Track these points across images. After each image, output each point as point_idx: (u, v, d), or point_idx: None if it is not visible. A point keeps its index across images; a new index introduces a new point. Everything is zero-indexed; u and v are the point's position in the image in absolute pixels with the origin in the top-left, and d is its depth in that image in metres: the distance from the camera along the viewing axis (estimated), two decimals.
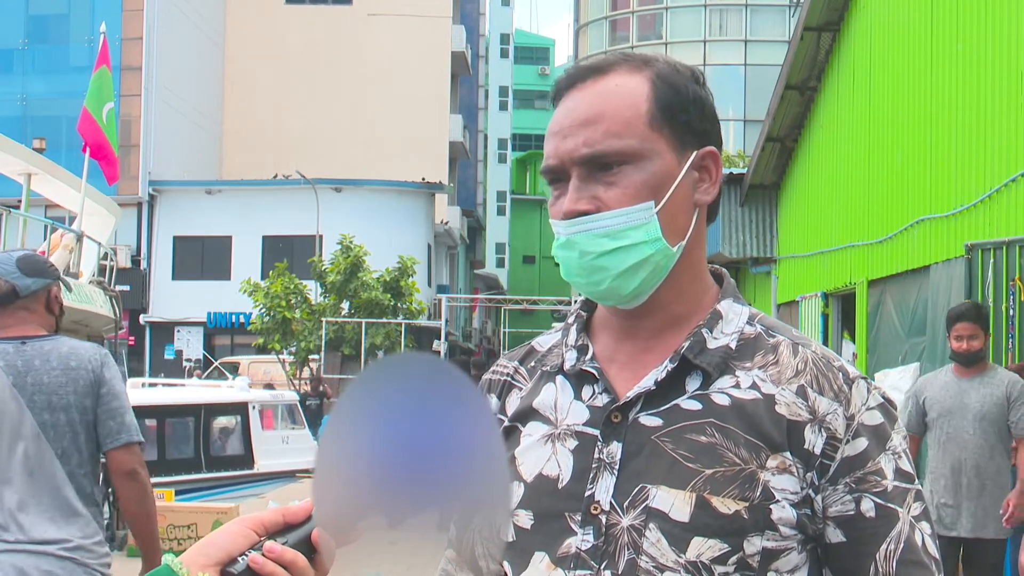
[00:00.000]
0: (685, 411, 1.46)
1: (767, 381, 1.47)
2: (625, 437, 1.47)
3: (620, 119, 1.48)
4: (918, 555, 1.43)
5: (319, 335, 32.19)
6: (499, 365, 1.68)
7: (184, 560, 1.17)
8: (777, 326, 1.55)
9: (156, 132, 40.07)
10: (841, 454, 1.43)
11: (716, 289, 1.58)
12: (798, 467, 1.42)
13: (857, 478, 1.43)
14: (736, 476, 1.41)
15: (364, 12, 47.03)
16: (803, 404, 1.44)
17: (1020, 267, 8.85)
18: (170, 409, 16.38)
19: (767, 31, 52.66)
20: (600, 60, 1.57)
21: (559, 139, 1.51)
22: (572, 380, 1.55)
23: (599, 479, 1.46)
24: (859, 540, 1.43)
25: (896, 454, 1.45)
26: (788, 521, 1.41)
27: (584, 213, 1.48)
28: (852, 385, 1.46)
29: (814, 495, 1.43)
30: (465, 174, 55.98)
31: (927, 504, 1.47)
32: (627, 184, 1.47)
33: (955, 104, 11.15)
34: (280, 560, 1.18)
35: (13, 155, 11.34)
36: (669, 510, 1.41)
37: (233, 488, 15.82)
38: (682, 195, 1.50)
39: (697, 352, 1.48)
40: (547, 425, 1.54)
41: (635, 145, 1.48)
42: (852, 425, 1.44)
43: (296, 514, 1.22)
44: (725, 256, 18.81)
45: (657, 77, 1.52)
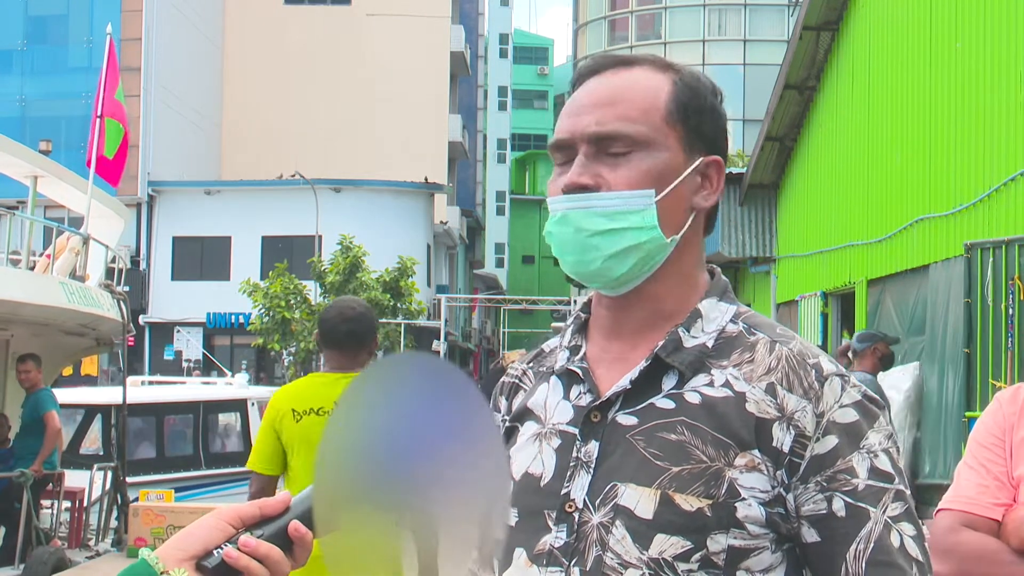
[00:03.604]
0: (659, 410, 1.46)
1: (740, 379, 1.45)
2: (603, 436, 1.47)
3: (637, 106, 1.50)
4: (891, 556, 1.40)
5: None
6: (513, 367, 1.71)
7: (160, 554, 1.17)
8: (761, 324, 1.53)
9: (155, 133, 40.05)
10: (810, 452, 1.41)
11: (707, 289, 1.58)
12: (767, 465, 1.41)
13: (828, 476, 1.41)
14: (702, 474, 1.40)
15: (363, 12, 47.02)
16: (771, 402, 1.43)
17: (1019, 266, 8.86)
18: (169, 407, 16.39)
19: (766, 31, 52.68)
20: (628, 55, 1.59)
21: (573, 117, 1.52)
22: (563, 380, 1.56)
23: (575, 477, 1.47)
24: (833, 539, 1.41)
25: (872, 453, 1.42)
26: (756, 519, 1.40)
27: (583, 187, 1.48)
28: (825, 382, 1.44)
29: (785, 494, 1.41)
30: (464, 174, 55.98)
31: (910, 505, 1.44)
32: (633, 168, 1.48)
33: (954, 103, 11.15)
34: (255, 553, 1.19)
35: (19, 157, 11.31)
36: (635, 507, 1.41)
37: (233, 485, 15.80)
38: (682, 193, 1.51)
39: (671, 351, 1.48)
40: (537, 424, 1.55)
41: (646, 132, 1.49)
42: (822, 423, 1.42)
43: (273, 507, 1.23)
44: (724, 256, 18.81)
45: (680, 79, 1.54)
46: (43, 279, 10.96)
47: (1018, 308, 8.80)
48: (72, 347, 12.56)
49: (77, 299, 10.57)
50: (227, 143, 46.50)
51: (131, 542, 10.08)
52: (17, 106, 39.45)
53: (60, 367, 13.48)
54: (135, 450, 14.55)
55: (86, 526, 11.21)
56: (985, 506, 2.21)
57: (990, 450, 2.27)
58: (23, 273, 10.61)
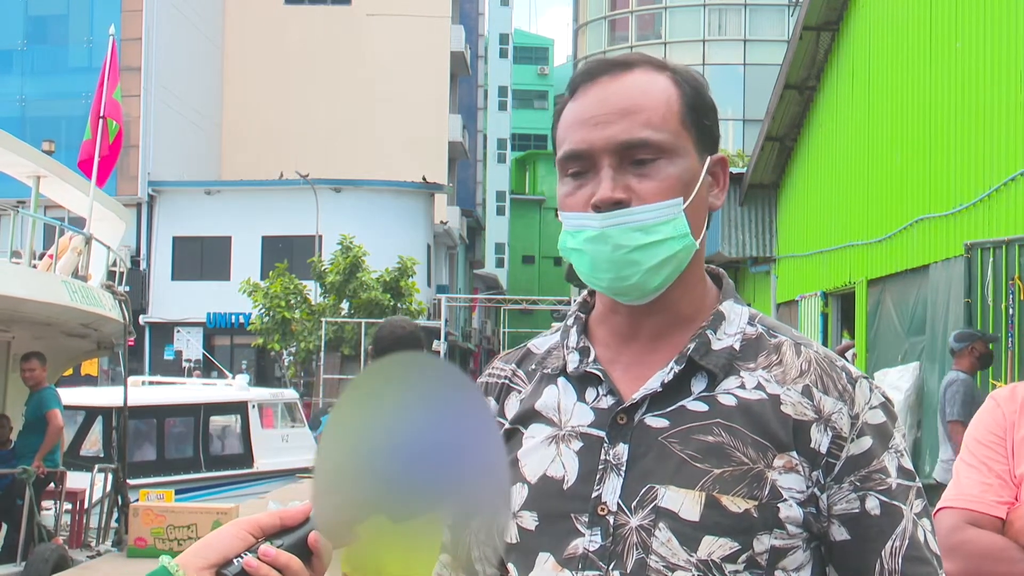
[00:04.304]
0: (692, 412, 1.46)
1: (772, 381, 1.47)
2: (631, 439, 1.47)
3: (658, 112, 1.49)
4: (922, 552, 1.45)
5: (319, 335, 32.19)
6: (495, 368, 1.68)
7: (180, 562, 1.18)
8: (777, 326, 1.56)
9: (155, 133, 40.05)
10: (846, 453, 1.44)
11: (716, 290, 1.59)
12: (804, 466, 1.43)
13: (862, 476, 1.44)
14: (745, 475, 1.42)
15: (363, 12, 47.01)
16: (808, 404, 1.45)
17: (1020, 266, 8.85)
18: (169, 408, 16.40)
19: (766, 31, 52.67)
20: (622, 56, 1.56)
21: (590, 127, 1.49)
22: (575, 382, 1.55)
23: (606, 480, 1.46)
24: (865, 537, 1.44)
25: (898, 452, 1.47)
26: (795, 520, 1.42)
27: (618, 203, 1.46)
28: (855, 384, 1.47)
29: (819, 494, 1.44)
30: (464, 174, 55.97)
31: (927, 501, 1.49)
32: (663, 177, 1.47)
33: (954, 103, 11.15)
34: (274, 563, 1.19)
35: (23, 156, 11.29)
36: (679, 509, 1.41)
37: (233, 487, 15.83)
38: (703, 196, 1.52)
39: (703, 353, 1.49)
40: (550, 427, 1.54)
41: (671, 139, 1.48)
42: (857, 424, 1.45)
43: (293, 517, 1.23)
44: (725, 255, 18.81)
45: (682, 80, 1.53)
46: (46, 277, 10.95)
47: (1018, 308, 8.80)
48: (73, 350, 12.54)
49: (80, 298, 10.56)
50: (227, 143, 46.49)
51: (131, 542, 10.08)
52: (17, 106, 39.44)
53: (61, 370, 13.49)
54: (136, 452, 14.56)
55: (87, 527, 11.22)
56: (989, 504, 2.21)
57: (990, 448, 2.27)
58: (26, 270, 10.60)
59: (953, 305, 10.07)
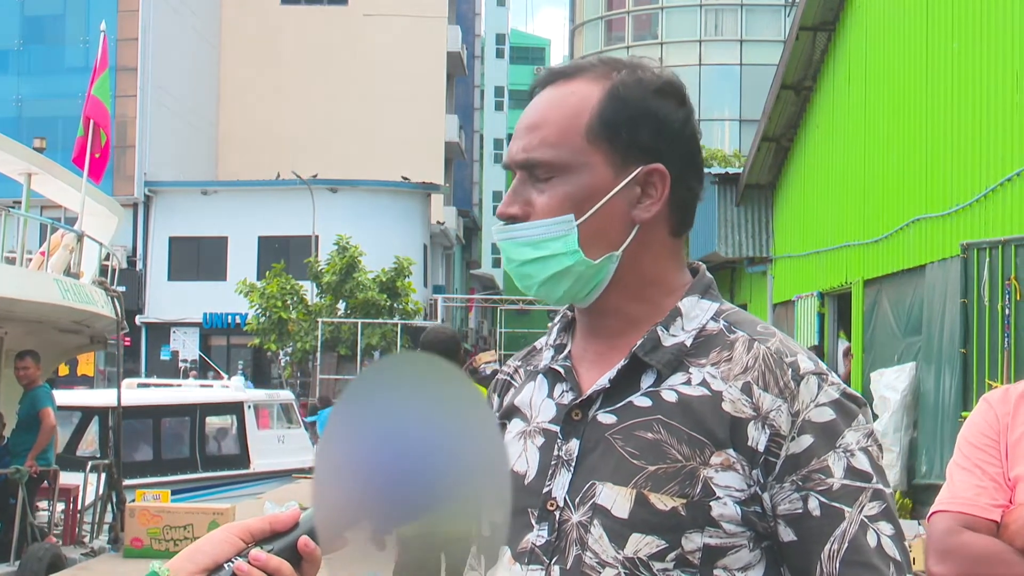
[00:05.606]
0: (637, 408, 1.46)
1: (717, 378, 1.45)
2: (583, 434, 1.48)
3: (558, 129, 1.50)
4: (866, 556, 1.39)
5: (315, 336, 32.17)
6: (507, 364, 1.72)
7: (171, 566, 1.18)
8: (742, 322, 1.52)
9: (151, 133, 40.02)
10: (786, 451, 1.41)
11: (688, 287, 1.56)
12: (743, 464, 1.41)
13: (803, 476, 1.41)
14: (677, 473, 1.41)
15: (360, 12, 47.00)
16: (747, 401, 1.43)
17: (1016, 266, 8.85)
18: (165, 409, 16.39)
19: (763, 31, 52.67)
20: (571, 64, 1.57)
21: (514, 139, 1.55)
22: (548, 378, 1.57)
23: (557, 476, 1.48)
24: (808, 539, 1.41)
25: (848, 452, 1.42)
26: (732, 518, 1.40)
27: (513, 217, 1.51)
28: (801, 381, 1.43)
29: (761, 493, 1.41)
30: (461, 174, 55.97)
31: (890, 504, 1.44)
32: (553, 195, 1.50)
33: (951, 103, 11.16)
34: (265, 567, 1.19)
35: (13, 154, 11.31)
36: (611, 506, 1.42)
37: (229, 488, 15.82)
38: (616, 210, 1.50)
39: (648, 350, 1.48)
40: (523, 422, 1.56)
41: (566, 157, 1.49)
42: (797, 422, 1.41)
43: (284, 522, 1.24)
44: (721, 256, 18.80)
45: (614, 88, 1.51)
46: (37, 276, 10.98)
47: (1014, 308, 8.80)
48: (66, 344, 12.57)
49: (71, 296, 10.59)
50: (223, 143, 46.47)
51: (127, 542, 10.08)
52: (13, 106, 39.41)
53: (54, 365, 13.50)
54: (132, 453, 14.54)
55: (81, 523, 11.20)
56: (983, 507, 2.20)
57: (984, 451, 2.26)
58: (18, 270, 10.62)
59: (949, 305, 10.07)
